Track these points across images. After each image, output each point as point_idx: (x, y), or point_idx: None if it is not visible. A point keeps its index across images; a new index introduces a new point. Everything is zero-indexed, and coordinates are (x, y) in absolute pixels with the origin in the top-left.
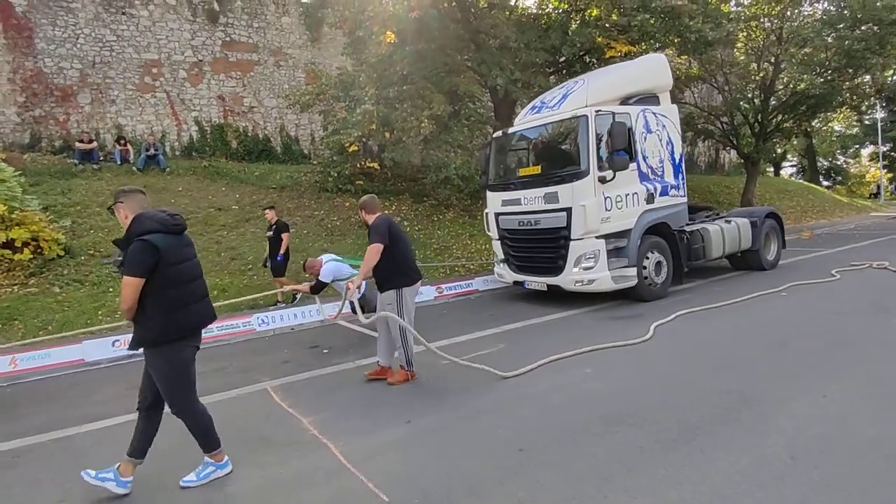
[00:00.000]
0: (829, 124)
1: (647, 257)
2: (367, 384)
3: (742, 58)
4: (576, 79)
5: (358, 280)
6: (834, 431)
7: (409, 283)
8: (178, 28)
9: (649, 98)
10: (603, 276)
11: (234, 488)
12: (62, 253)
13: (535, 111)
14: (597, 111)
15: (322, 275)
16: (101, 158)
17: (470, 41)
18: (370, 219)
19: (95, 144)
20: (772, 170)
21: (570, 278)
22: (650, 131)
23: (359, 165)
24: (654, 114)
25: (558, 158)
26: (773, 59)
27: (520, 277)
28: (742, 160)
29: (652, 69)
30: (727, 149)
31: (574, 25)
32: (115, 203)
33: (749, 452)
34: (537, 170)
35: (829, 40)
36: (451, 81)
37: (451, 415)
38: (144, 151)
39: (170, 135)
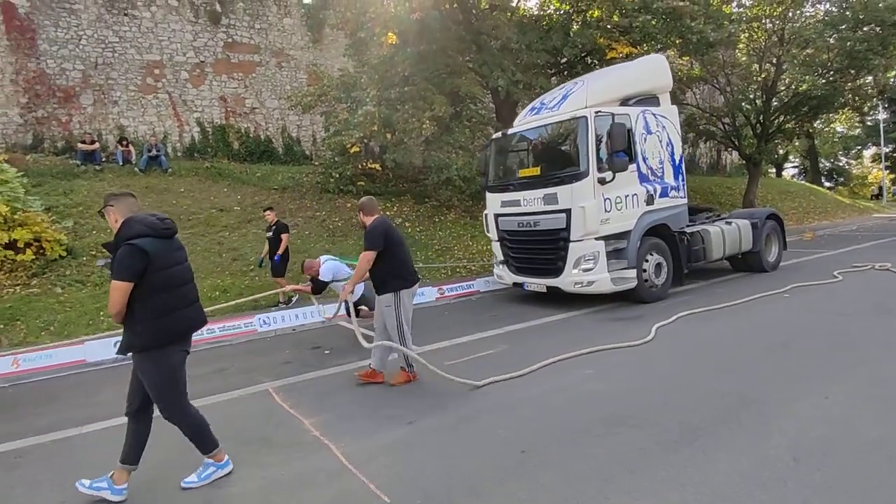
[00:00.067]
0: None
1: (647, 259)
2: (368, 385)
3: (744, 59)
4: (575, 80)
5: (350, 286)
6: (836, 433)
7: (406, 285)
8: (181, 29)
9: (649, 99)
10: (602, 278)
11: (235, 489)
12: (64, 254)
13: (535, 112)
14: (596, 112)
15: (321, 274)
16: (104, 159)
17: (471, 42)
18: (368, 220)
19: (97, 145)
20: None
21: (569, 280)
22: (650, 132)
23: (360, 166)
24: (653, 115)
25: (558, 160)
26: (774, 60)
27: (519, 279)
28: (744, 161)
29: (652, 70)
30: (729, 150)
31: (575, 27)
32: (104, 207)
33: (751, 454)
34: (537, 171)
35: (831, 41)
36: (452, 83)
37: (453, 415)
38: (146, 152)
39: (172, 136)
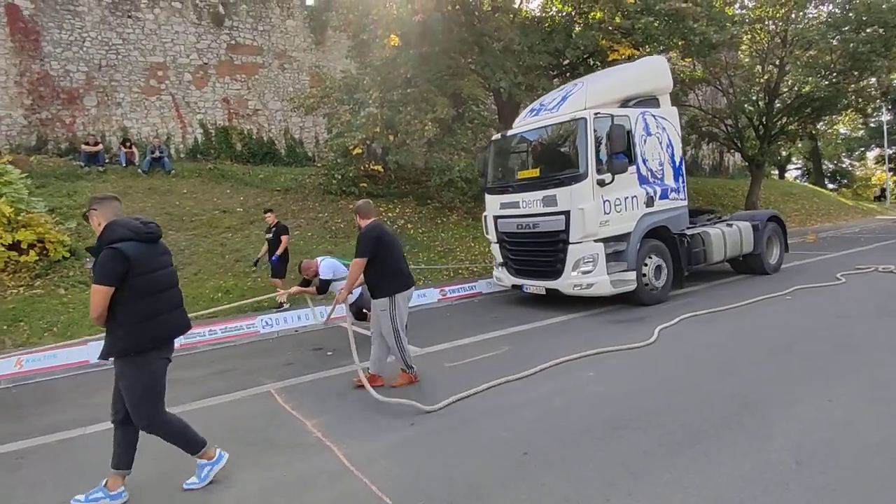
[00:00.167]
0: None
1: (647, 261)
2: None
3: (746, 60)
4: (575, 81)
5: (344, 293)
6: (839, 436)
7: (401, 288)
8: (184, 31)
9: (649, 100)
10: (601, 281)
11: (237, 490)
12: (67, 255)
13: (534, 113)
14: (595, 113)
15: (322, 272)
16: (107, 161)
17: (474, 44)
18: (363, 223)
19: (101, 147)
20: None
21: (568, 282)
22: (650, 134)
23: (363, 168)
24: (653, 116)
25: (557, 161)
26: (777, 62)
27: (518, 281)
28: (746, 163)
29: (652, 71)
30: (731, 151)
31: (577, 28)
32: (88, 210)
33: (754, 457)
34: (536, 172)
35: (834, 43)
36: (454, 84)
37: (454, 417)
38: (150, 154)
39: (175, 137)
